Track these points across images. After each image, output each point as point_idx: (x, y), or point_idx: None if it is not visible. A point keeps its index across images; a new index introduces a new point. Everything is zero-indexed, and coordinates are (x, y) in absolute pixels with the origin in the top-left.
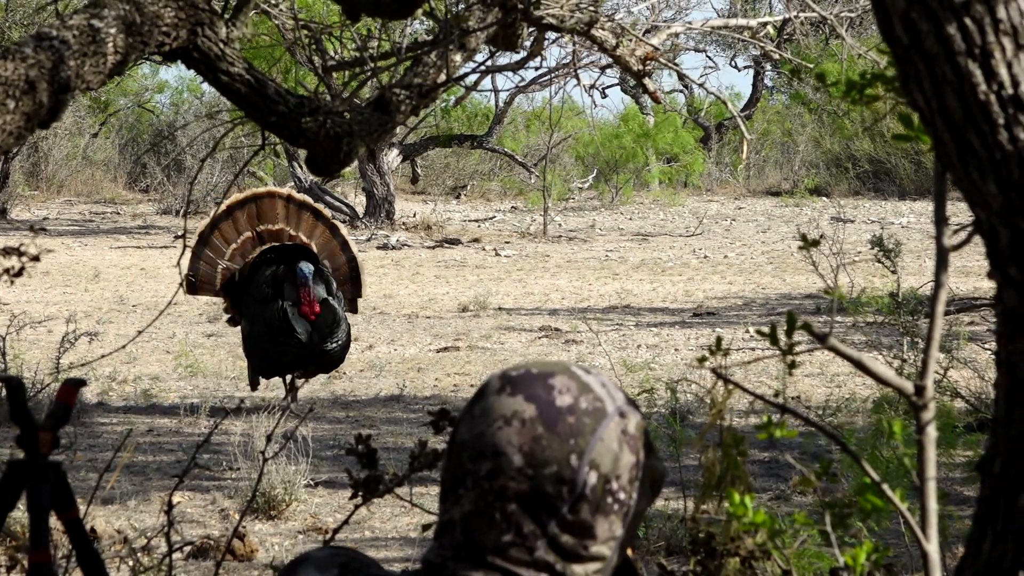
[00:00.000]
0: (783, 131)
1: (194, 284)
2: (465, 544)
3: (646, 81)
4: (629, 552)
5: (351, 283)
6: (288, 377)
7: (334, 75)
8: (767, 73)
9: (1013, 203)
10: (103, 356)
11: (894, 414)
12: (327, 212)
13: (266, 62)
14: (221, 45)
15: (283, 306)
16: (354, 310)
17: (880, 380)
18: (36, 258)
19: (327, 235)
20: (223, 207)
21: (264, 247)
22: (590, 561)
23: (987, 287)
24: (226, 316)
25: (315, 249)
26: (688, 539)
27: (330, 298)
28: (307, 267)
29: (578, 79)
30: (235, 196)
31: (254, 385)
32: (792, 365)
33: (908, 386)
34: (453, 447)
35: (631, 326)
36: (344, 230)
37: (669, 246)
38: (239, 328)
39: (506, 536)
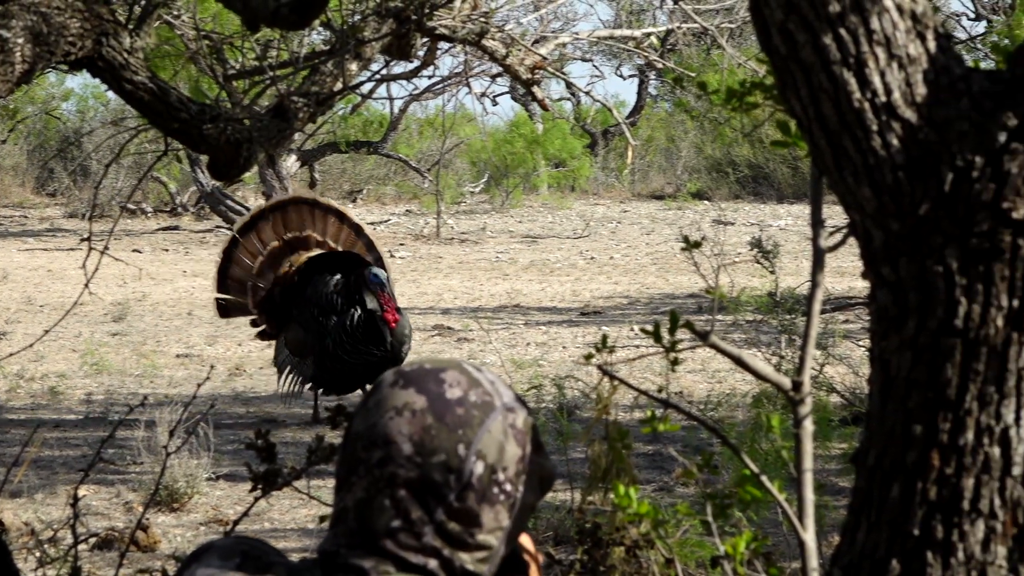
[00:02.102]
0: (666, 137)
1: (225, 308)
2: (358, 531)
3: (535, 89)
4: (529, 545)
5: None
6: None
7: (235, 83)
8: (651, 82)
9: (886, 206)
10: (11, 355)
11: (772, 409)
12: (351, 214)
13: (171, 71)
14: (125, 55)
15: (369, 313)
16: None
17: (759, 376)
18: None
19: (352, 237)
20: (247, 217)
21: (309, 255)
22: (476, 549)
23: (861, 287)
24: (255, 330)
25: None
26: (575, 529)
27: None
28: (382, 273)
29: (470, 87)
30: (259, 205)
31: (287, 397)
32: (675, 362)
33: (786, 382)
34: (348, 439)
35: (521, 325)
36: (368, 230)
37: (557, 248)
38: (263, 340)
39: (395, 521)
